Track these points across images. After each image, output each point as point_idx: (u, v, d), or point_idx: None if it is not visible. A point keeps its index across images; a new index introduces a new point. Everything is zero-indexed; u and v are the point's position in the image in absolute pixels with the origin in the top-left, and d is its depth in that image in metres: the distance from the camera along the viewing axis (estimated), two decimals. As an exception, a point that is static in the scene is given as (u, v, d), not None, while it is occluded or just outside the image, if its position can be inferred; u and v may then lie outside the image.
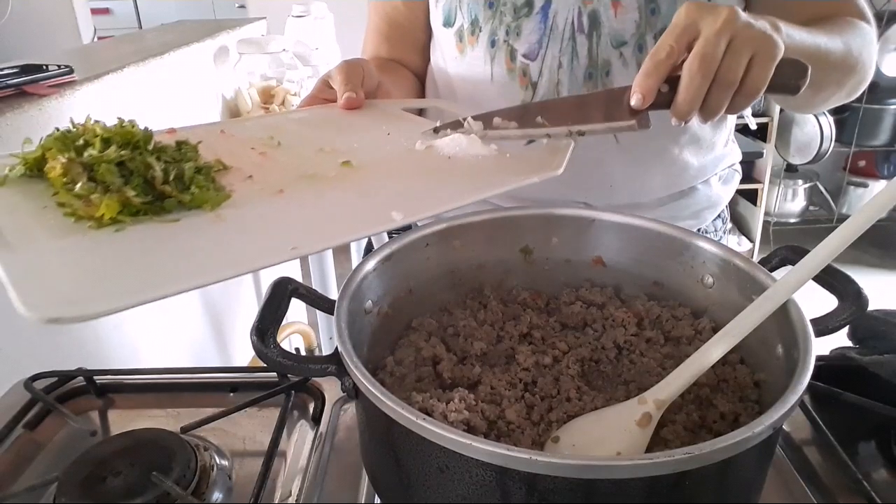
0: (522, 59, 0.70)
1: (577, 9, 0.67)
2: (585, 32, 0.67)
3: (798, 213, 3.20)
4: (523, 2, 0.68)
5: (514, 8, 0.69)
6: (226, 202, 0.46)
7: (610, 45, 0.67)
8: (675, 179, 0.75)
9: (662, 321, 0.53)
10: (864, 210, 0.40)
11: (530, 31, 0.69)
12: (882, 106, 2.94)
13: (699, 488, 0.35)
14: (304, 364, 0.44)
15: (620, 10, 0.66)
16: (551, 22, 0.68)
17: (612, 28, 0.67)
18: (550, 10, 0.68)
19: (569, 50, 0.68)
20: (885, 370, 0.54)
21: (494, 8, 0.70)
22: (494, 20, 0.70)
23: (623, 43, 0.67)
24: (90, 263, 0.39)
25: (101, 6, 3.69)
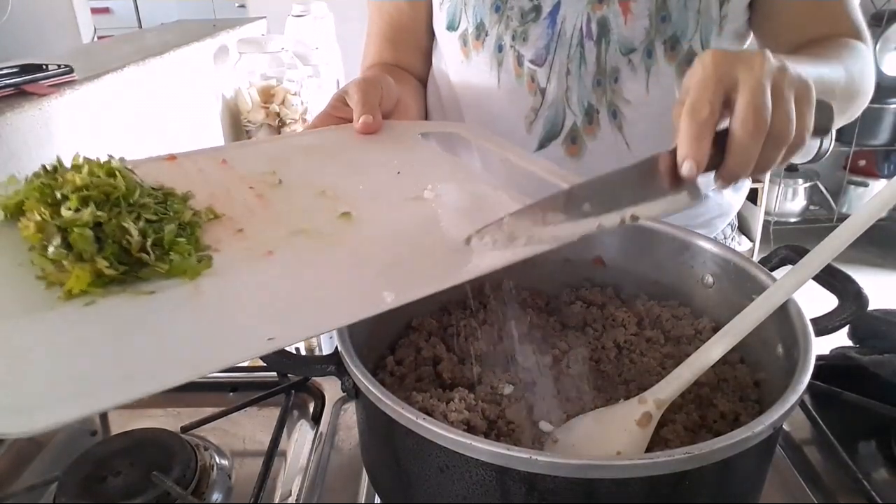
0: (530, 65, 0.69)
1: (585, 15, 0.66)
2: (594, 39, 0.67)
3: (798, 213, 3.20)
4: (531, 6, 0.67)
5: (522, 12, 0.67)
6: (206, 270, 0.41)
7: (619, 51, 0.67)
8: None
9: (662, 321, 0.53)
10: (864, 209, 0.40)
11: (538, 36, 0.68)
12: (882, 105, 2.94)
13: (699, 488, 0.35)
14: (304, 364, 0.44)
15: (630, 17, 0.65)
16: (559, 27, 0.67)
17: (622, 35, 0.66)
18: (559, 15, 0.67)
19: (577, 56, 0.67)
20: (885, 370, 0.54)
21: (501, 12, 0.68)
22: (501, 24, 0.69)
23: (632, 50, 0.66)
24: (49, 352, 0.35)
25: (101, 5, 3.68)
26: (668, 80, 0.67)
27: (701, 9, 0.65)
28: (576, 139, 0.71)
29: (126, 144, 1.16)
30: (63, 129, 0.98)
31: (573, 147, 0.71)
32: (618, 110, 0.69)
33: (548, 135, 0.71)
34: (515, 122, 0.72)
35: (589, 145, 0.71)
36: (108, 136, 1.10)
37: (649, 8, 0.65)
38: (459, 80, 0.76)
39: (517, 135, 0.72)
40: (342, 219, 0.48)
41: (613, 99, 0.69)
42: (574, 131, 0.70)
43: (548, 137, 0.71)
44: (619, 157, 0.70)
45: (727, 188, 0.45)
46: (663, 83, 0.67)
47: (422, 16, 0.78)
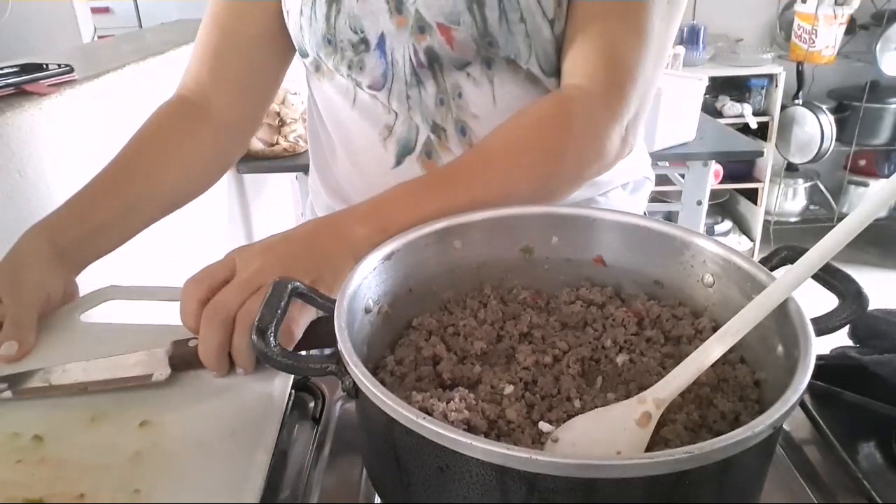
0: (369, 90, 0.69)
1: (411, 46, 0.65)
2: (426, 66, 0.66)
3: (798, 213, 3.20)
4: (357, 39, 0.66)
5: (352, 44, 0.67)
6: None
7: (454, 68, 0.65)
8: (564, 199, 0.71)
9: (662, 320, 0.53)
10: (863, 207, 0.40)
11: (372, 65, 0.67)
12: (882, 105, 2.94)
13: (699, 487, 0.35)
14: (304, 363, 0.44)
15: (456, 45, 0.64)
16: (390, 57, 0.66)
17: (452, 58, 0.65)
18: (386, 46, 0.66)
19: (413, 81, 0.67)
20: (885, 369, 0.54)
21: (333, 44, 0.68)
22: (336, 55, 0.68)
23: (467, 63, 0.65)
24: None
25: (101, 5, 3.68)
26: (515, 90, 0.65)
27: (529, 31, 0.63)
28: (431, 154, 0.70)
29: (126, 144, 1.16)
30: (63, 129, 0.98)
31: (429, 162, 0.70)
32: (465, 126, 0.68)
33: (402, 150, 0.71)
34: (372, 140, 0.72)
35: (444, 159, 0.70)
36: (108, 136, 1.10)
37: (472, 34, 0.63)
38: (321, 102, 0.76)
39: (374, 151, 0.72)
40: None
41: (460, 115, 0.67)
42: (429, 146, 0.70)
43: (403, 153, 0.71)
44: None
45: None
46: (511, 93, 0.66)
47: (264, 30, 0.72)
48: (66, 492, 0.46)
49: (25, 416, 0.52)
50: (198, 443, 0.50)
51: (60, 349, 0.58)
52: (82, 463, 0.48)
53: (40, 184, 0.92)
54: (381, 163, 0.72)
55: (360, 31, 0.66)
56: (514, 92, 0.66)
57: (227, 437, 0.51)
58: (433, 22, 0.63)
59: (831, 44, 2.81)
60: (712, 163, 2.00)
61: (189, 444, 0.50)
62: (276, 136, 1.62)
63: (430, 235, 0.55)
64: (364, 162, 0.74)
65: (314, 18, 0.67)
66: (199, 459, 0.49)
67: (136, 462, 0.48)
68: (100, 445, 0.50)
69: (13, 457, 0.49)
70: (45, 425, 0.51)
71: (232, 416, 0.53)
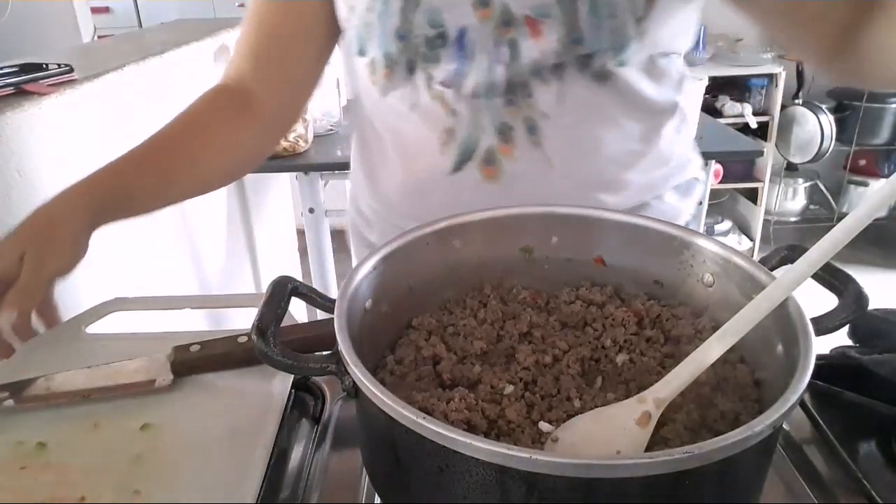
0: (440, 87, 0.67)
1: (493, 39, 0.63)
2: (504, 62, 0.64)
3: (798, 212, 3.20)
4: (435, 34, 0.64)
5: (427, 39, 0.65)
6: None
7: (528, 71, 0.64)
8: (617, 200, 0.72)
9: (662, 320, 0.53)
10: (863, 207, 0.40)
11: (447, 60, 0.65)
12: (882, 105, 2.94)
13: (699, 487, 0.35)
14: (304, 363, 0.44)
15: (541, 39, 0.62)
16: (468, 51, 0.65)
17: (532, 56, 0.63)
18: (466, 39, 0.64)
19: (486, 79, 0.65)
20: (885, 369, 0.54)
21: (406, 40, 0.65)
22: (408, 52, 0.66)
23: (543, 67, 0.64)
24: None
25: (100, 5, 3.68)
26: (583, 91, 0.65)
27: (615, 28, 0.62)
28: (491, 161, 0.68)
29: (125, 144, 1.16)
30: (63, 129, 0.98)
31: (489, 169, 0.69)
32: (535, 125, 0.66)
33: (462, 156, 0.69)
34: (430, 143, 0.70)
35: (506, 168, 0.68)
36: (108, 136, 1.10)
37: (559, 29, 0.61)
38: (374, 103, 0.73)
39: (432, 157, 0.70)
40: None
41: (529, 114, 0.66)
42: (490, 152, 0.68)
43: (462, 159, 0.69)
44: (539, 178, 0.68)
45: None
46: (579, 93, 0.65)
47: (303, 26, 0.71)
48: (68, 495, 0.46)
49: (29, 424, 0.53)
50: (198, 444, 0.51)
51: (67, 361, 0.59)
52: (84, 467, 0.48)
53: (40, 183, 0.92)
54: (438, 169, 0.70)
55: (438, 25, 0.64)
56: (582, 90, 0.65)
57: (227, 437, 0.51)
58: (520, 14, 0.62)
59: (831, 43, 2.81)
60: (712, 162, 2.00)
61: (189, 445, 0.50)
62: (275, 136, 1.63)
63: (430, 235, 0.55)
64: (419, 168, 0.72)
65: (387, 13, 0.65)
66: (198, 460, 0.49)
67: (136, 464, 0.49)
68: (101, 449, 0.50)
69: (17, 463, 0.49)
70: (48, 432, 0.52)
71: (232, 416, 0.53)
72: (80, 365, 0.57)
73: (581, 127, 0.67)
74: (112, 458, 0.49)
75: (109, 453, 0.50)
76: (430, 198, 0.71)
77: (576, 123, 0.67)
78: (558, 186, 0.68)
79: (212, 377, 0.58)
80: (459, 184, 0.69)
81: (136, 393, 0.55)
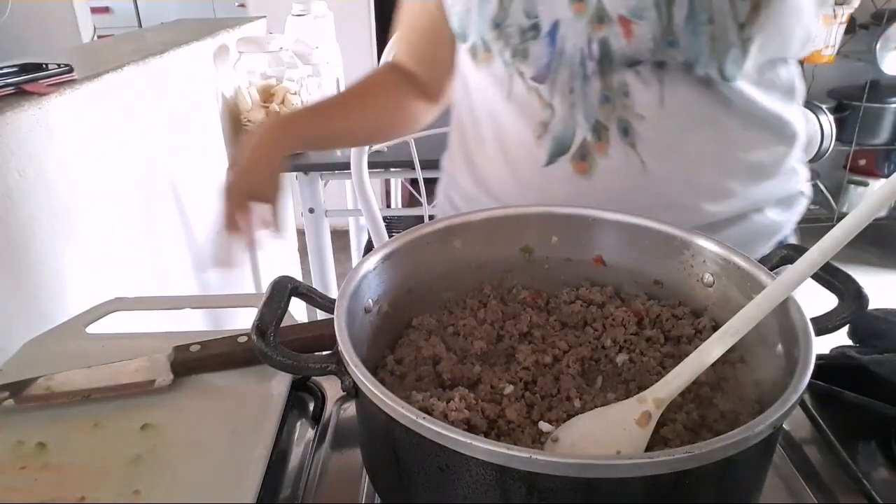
0: (531, 82, 0.67)
1: (586, 35, 0.62)
2: (596, 59, 0.63)
3: (798, 212, 3.19)
4: (529, 25, 0.64)
5: (520, 30, 0.64)
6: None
7: (624, 66, 0.63)
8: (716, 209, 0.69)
9: (662, 320, 0.53)
10: (863, 206, 0.40)
11: (538, 54, 0.65)
12: (882, 105, 2.94)
13: (699, 487, 0.35)
14: (304, 363, 0.44)
15: (633, 39, 0.61)
16: (559, 46, 0.64)
17: (625, 55, 0.62)
18: (558, 34, 0.63)
19: (580, 74, 0.64)
20: (885, 369, 0.54)
21: (500, 29, 0.66)
22: (501, 41, 0.66)
23: (638, 62, 0.62)
24: None
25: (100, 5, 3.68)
26: (686, 94, 0.63)
27: (715, 34, 0.60)
28: (585, 156, 0.67)
29: (125, 144, 1.16)
30: (63, 129, 0.98)
31: (582, 164, 0.68)
32: (629, 126, 0.65)
33: (556, 150, 0.68)
34: (525, 135, 0.69)
35: (600, 163, 0.67)
36: (108, 136, 1.10)
37: (653, 30, 0.60)
38: (474, 91, 0.74)
39: (527, 148, 0.70)
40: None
41: (624, 114, 0.64)
42: (584, 147, 0.67)
43: (556, 153, 0.68)
44: (633, 177, 0.66)
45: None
46: (681, 96, 0.63)
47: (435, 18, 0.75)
48: (68, 495, 0.46)
49: (29, 424, 0.53)
50: (197, 443, 0.51)
51: (67, 361, 0.58)
52: (84, 467, 0.48)
53: (40, 183, 0.92)
54: (533, 160, 0.70)
55: (533, 16, 0.64)
56: (685, 94, 0.63)
57: (227, 437, 0.51)
58: (614, 13, 0.61)
59: (831, 43, 2.81)
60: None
61: (189, 445, 0.50)
62: (275, 136, 1.63)
63: (430, 235, 0.55)
64: (515, 158, 0.72)
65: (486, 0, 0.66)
66: (198, 460, 0.49)
67: (136, 464, 0.49)
68: (101, 449, 0.50)
69: (17, 463, 0.49)
70: (48, 432, 0.52)
71: (231, 416, 0.53)
72: (80, 365, 0.57)
73: (680, 131, 0.65)
74: (112, 458, 0.49)
75: (109, 453, 0.50)
76: (524, 186, 0.71)
77: (675, 127, 0.65)
78: (652, 189, 0.67)
79: (212, 377, 0.58)
80: (552, 176, 0.69)
81: (136, 393, 0.55)
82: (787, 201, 0.75)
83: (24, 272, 0.89)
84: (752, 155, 0.69)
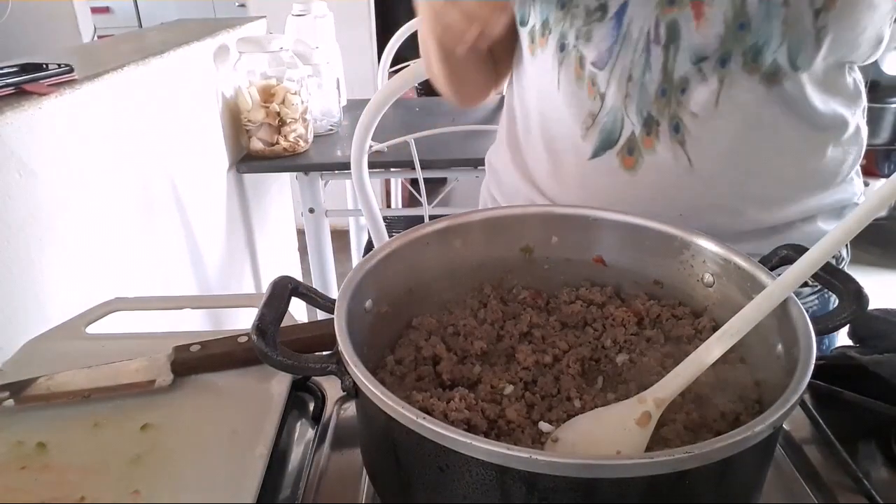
0: (591, 68, 0.65)
1: (654, 17, 0.61)
2: (662, 44, 0.61)
3: (798, 212, 3.19)
4: (597, 5, 0.63)
5: (587, 10, 0.63)
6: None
7: (689, 60, 0.61)
8: (763, 216, 0.67)
9: (662, 320, 0.53)
10: (863, 207, 0.40)
11: (602, 37, 0.63)
12: (882, 105, 2.94)
13: (699, 487, 0.35)
14: (304, 363, 0.44)
15: (703, 21, 0.59)
16: (625, 29, 0.62)
17: (692, 42, 0.60)
18: (625, 16, 0.62)
19: (641, 62, 0.62)
20: (885, 369, 0.54)
21: (566, 9, 0.64)
22: (565, 22, 0.65)
23: (703, 58, 0.60)
24: None
25: (101, 5, 3.69)
26: (744, 94, 0.61)
27: (789, 18, 0.58)
28: (633, 150, 0.66)
29: (125, 144, 1.16)
30: (63, 129, 0.98)
31: (629, 158, 0.66)
32: (680, 123, 0.63)
33: (604, 143, 0.67)
34: (573, 126, 0.69)
35: (646, 158, 0.65)
36: (108, 136, 1.10)
37: (725, 13, 0.58)
38: (527, 78, 0.73)
39: (573, 140, 0.69)
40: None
41: (678, 111, 0.63)
42: (632, 142, 0.66)
43: (603, 146, 0.67)
44: (679, 176, 0.65)
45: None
46: (738, 97, 0.62)
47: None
48: (68, 495, 0.46)
49: (29, 424, 0.53)
50: (197, 443, 0.51)
51: (67, 361, 0.58)
52: (84, 467, 0.48)
53: (40, 183, 0.92)
54: (578, 152, 0.69)
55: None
56: (743, 96, 0.62)
57: (227, 437, 0.51)
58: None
59: (831, 43, 2.81)
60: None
61: (189, 445, 0.50)
62: (276, 136, 1.62)
63: (430, 235, 0.55)
64: (560, 149, 0.72)
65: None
66: (198, 460, 0.49)
67: (136, 464, 0.48)
68: (101, 450, 0.50)
69: (17, 464, 0.49)
70: (48, 433, 0.52)
71: (231, 416, 0.53)
72: (80, 365, 0.57)
73: (733, 132, 0.63)
74: (112, 458, 0.49)
75: (109, 453, 0.50)
76: (567, 179, 0.70)
77: (727, 128, 0.63)
78: (697, 188, 0.65)
79: (212, 377, 0.58)
80: (598, 170, 0.68)
81: (136, 393, 0.55)
82: (838, 212, 0.72)
83: (24, 272, 0.89)
84: (808, 163, 0.67)
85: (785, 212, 0.68)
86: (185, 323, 0.71)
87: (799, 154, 0.66)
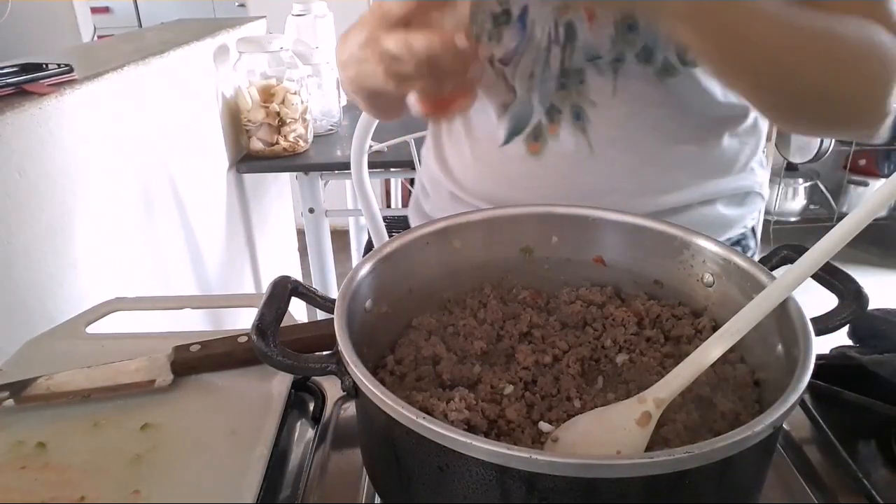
0: (499, 64, 0.69)
1: (553, 19, 0.65)
2: (560, 44, 0.66)
3: (798, 212, 3.20)
4: (500, 10, 0.67)
5: (493, 16, 0.67)
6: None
7: (584, 58, 0.65)
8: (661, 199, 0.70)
9: (662, 320, 0.53)
10: (863, 207, 0.40)
11: (510, 37, 0.67)
12: (882, 105, 2.93)
13: (699, 487, 0.35)
14: (304, 363, 0.44)
15: (595, 22, 0.63)
16: (529, 31, 0.66)
17: (587, 41, 0.64)
18: (528, 19, 0.66)
19: (542, 60, 0.67)
20: (885, 369, 0.54)
21: (475, 15, 0.68)
22: (476, 25, 0.68)
23: (597, 57, 0.64)
24: None
25: (100, 4, 3.68)
26: (640, 85, 0.65)
27: None
28: (538, 137, 0.70)
29: (125, 144, 1.16)
30: (63, 129, 0.98)
31: (534, 144, 0.71)
32: (581, 111, 0.68)
33: (514, 129, 0.71)
34: (489, 114, 0.73)
35: (550, 144, 0.70)
36: (108, 136, 1.10)
37: (614, 14, 0.62)
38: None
39: (490, 125, 0.73)
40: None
41: (578, 100, 0.67)
42: (538, 129, 0.70)
43: (513, 132, 0.71)
44: (579, 161, 0.68)
45: None
46: (634, 87, 0.65)
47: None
48: (68, 495, 0.46)
49: (29, 424, 0.53)
50: (197, 443, 0.51)
51: (67, 361, 0.59)
52: (84, 467, 0.48)
53: (40, 183, 0.92)
54: (492, 139, 0.73)
55: (504, 2, 0.67)
56: (637, 86, 0.65)
57: (227, 437, 0.51)
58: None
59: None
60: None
61: (189, 444, 0.50)
62: (275, 136, 1.62)
63: (429, 235, 0.55)
64: (478, 137, 0.76)
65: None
66: (198, 459, 0.49)
67: (136, 464, 0.49)
68: (101, 449, 0.50)
69: (17, 463, 0.49)
70: (48, 432, 0.52)
71: (231, 416, 0.53)
72: (80, 365, 0.57)
73: (630, 120, 0.67)
74: (112, 458, 0.49)
75: (109, 453, 0.50)
76: (482, 165, 0.73)
77: (625, 116, 0.67)
78: (597, 173, 0.69)
79: (212, 377, 0.58)
80: (508, 155, 0.71)
81: (136, 393, 0.55)
82: (739, 198, 0.75)
83: (25, 272, 0.89)
84: (703, 151, 0.70)
85: (682, 195, 0.71)
86: (185, 323, 0.71)
87: (694, 142, 0.69)
